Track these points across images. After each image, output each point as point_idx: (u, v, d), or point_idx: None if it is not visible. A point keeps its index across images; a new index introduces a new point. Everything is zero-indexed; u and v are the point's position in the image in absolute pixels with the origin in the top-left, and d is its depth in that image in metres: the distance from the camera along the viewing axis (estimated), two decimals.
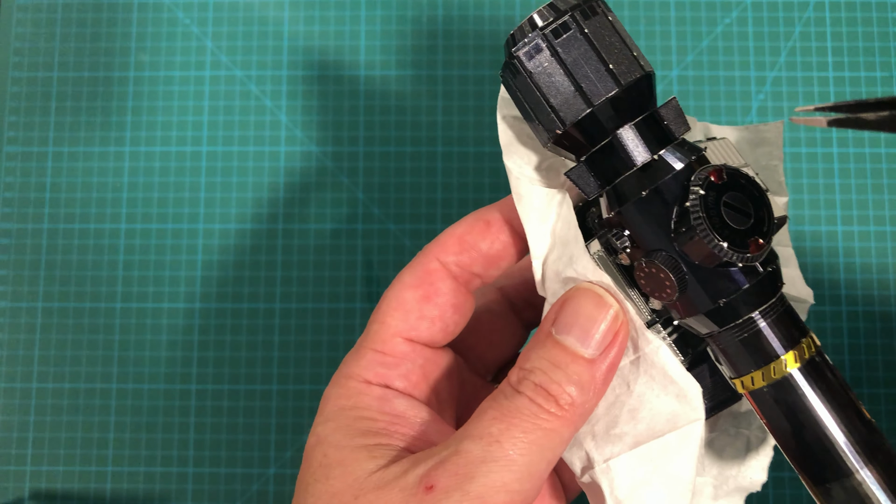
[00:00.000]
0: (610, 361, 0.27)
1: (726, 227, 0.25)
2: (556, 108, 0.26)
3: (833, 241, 0.49)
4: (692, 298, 0.26)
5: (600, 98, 0.25)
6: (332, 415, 0.29)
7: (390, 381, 0.30)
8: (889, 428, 0.48)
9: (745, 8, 0.52)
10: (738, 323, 0.26)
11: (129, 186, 0.51)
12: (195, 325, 0.50)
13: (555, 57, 0.26)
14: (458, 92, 0.51)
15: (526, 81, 0.26)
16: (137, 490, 0.48)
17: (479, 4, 0.52)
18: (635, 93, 0.26)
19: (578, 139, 0.26)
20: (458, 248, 0.30)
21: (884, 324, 0.49)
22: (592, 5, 0.26)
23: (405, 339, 0.30)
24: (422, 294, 0.30)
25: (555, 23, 0.25)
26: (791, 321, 0.26)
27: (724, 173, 0.25)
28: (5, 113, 0.52)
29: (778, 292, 0.26)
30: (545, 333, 0.27)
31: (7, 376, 0.50)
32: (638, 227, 0.26)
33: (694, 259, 0.25)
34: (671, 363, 0.27)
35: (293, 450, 0.49)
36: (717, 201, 0.25)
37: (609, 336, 0.26)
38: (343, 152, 0.51)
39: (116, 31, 0.52)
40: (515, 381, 0.27)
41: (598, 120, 0.26)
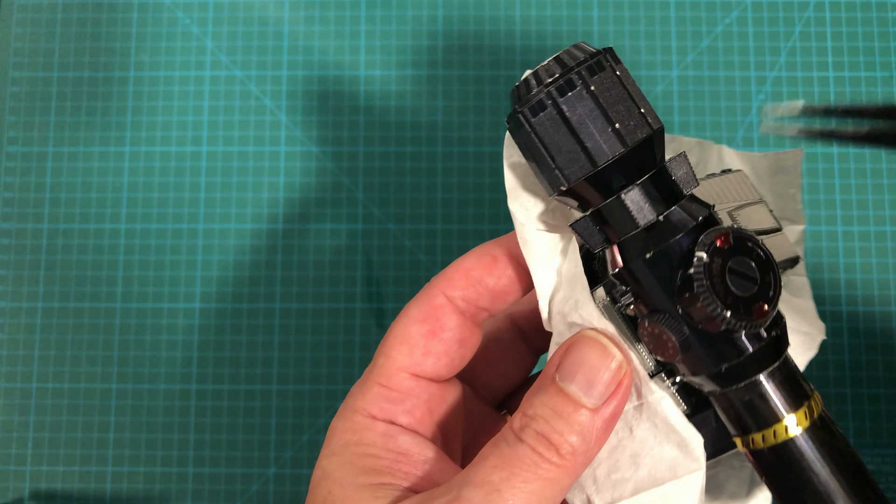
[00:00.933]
0: (612, 411, 0.27)
1: (730, 295, 0.24)
2: (560, 167, 0.25)
3: (833, 240, 0.49)
4: (695, 360, 0.26)
5: (605, 159, 0.25)
6: (337, 449, 0.29)
7: (395, 417, 0.30)
8: (889, 428, 0.48)
9: (745, 8, 0.52)
10: (741, 385, 0.26)
11: (129, 186, 0.51)
12: (195, 325, 0.50)
13: (559, 115, 0.25)
14: (458, 92, 0.51)
15: (530, 136, 0.26)
16: (137, 490, 0.48)
17: (479, 4, 0.52)
18: (642, 152, 0.25)
19: (583, 196, 0.26)
20: (464, 282, 0.30)
21: (884, 324, 0.49)
22: (600, 60, 0.25)
23: (410, 374, 0.30)
24: (427, 329, 0.30)
25: (560, 79, 0.25)
26: (795, 382, 0.26)
27: (730, 237, 0.25)
28: (5, 113, 0.52)
29: (783, 355, 0.26)
30: (549, 379, 0.27)
31: (7, 376, 0.50)
32: (642, 287, 0.26)
33: (697, 324, 0.25)
34: (674, 413, 0.27)
35: (293, 450, 0.49)
36: (722, 267, 0.25)
37: (612, 386, 0.26)
38: (343, 152, 0.51)
39: (116, 31, 0.52)
40: (518, 427, 0.27)
41: (603, 180, 0.25)
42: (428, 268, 0.50)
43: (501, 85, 0.51)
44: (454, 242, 0.50)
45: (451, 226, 0.50)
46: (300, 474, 0.48)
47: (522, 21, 0.52)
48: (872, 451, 0.48)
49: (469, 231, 0.50)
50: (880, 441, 0.48)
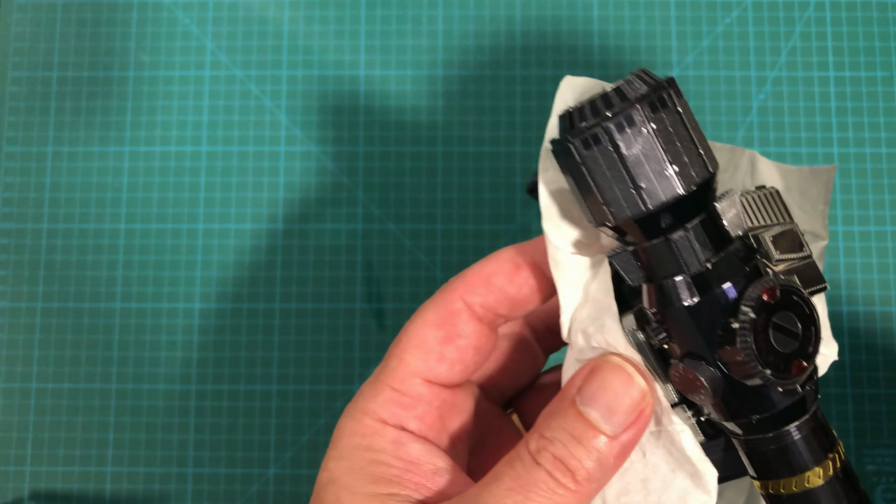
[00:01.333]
0: (630, 439, 0.26)
1: (772, 352, 0.24)
2: (608, 203, 0.24)
3: (833, 240, 0.49)
4: (725, 407, 0.26)
5: (659, 202, 0.24)
6: (346, 452, 0.29)
7: (406, 423, 0.29)
8: (890, 428, 0.48)
9: (746, 7, 0.52)
10: (769, 436, 0.26)
11: (129, 186, 0.51)
12: (195, 325, 0.50)
13: (615, 151, 0.24)
14: (458, 92, 0.51)
15: (578, 167, 0.24)
16: (137, 490, 0.48)
17: (479, 4, 0.52)
18: (697, 195, 0.24)
19: (628, 233, 0.25)
20: (484, 289, 0.30)
21: (884, 324, 0.49)
22: (663, 97, 0.24)
23: (423, 379, 0.30)
24: (444, 335, 0.30)
25: (620, 115, 0.23)
26: (822, 434, 0.26)
27: (777, 292, 0.24)
28: (5, 113, 0.52)
29: (813, 407, 0.26)
30: (569, 401, 0.27)
31: (7, 376, 0.50)
32: (680, 332, 0.25)
33: (734, 375, 0.25)
34: (691, 445, 0.27)
35: (293, 450, 0.49)
36: (766, 324, 0.24)
37: (633, 414, 0.26)
38: (343, 152, 0.51)
39: (116, 31, 0.52)
40: (535, 449, 0.26)
41: (653, 222, 0.24)
42: (428, 268, 0.50)
43: (501, 85, 0.51)
44: (454, 242, 0.50)
45: (451, 226, 0.50)
46: (300, 475, 0.48)
47: (522, 21, 0.52)
48: (873, 451, 0.48)
49: (469, 231, 0.50)
50: (881, 441, 0.48)
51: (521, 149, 0.51)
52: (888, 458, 0.48)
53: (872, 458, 0.48)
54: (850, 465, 0.27)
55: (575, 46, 0.52)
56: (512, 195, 0.50)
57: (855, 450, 0.48)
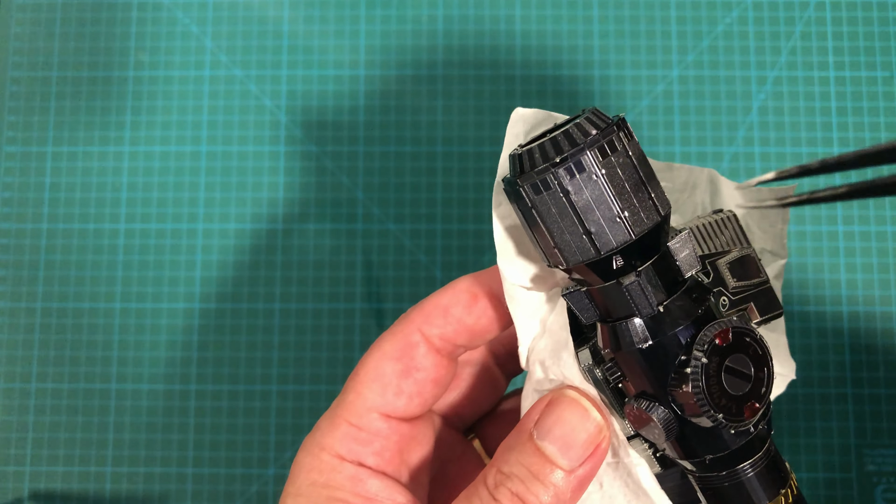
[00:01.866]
0: (587, 472, 0.27)
1: (724, 395, 0.24)
2: (560, 247, 0.24)
3: (834, 240, 0.49)
4: (679, 447, 0.26)
5: (609, 248, 0.24)
6: (303, 489, 0.29)
7: (364, 459, 0.29)
8: (890, 428, 0.48)
9: (746, 7, 0.52)
10: (722, 474, 0.26)
11: (128, 186, 0.51)
12: (195, 325, 0.50)
13: (565, 197, 0.23)
14: (458, 92, 0.51)
15: (530, 211, 0.24)
16: (137, 490, 0.48)
17: (479, 4, 0.52)
18: (648, 239, 0.24)
19: (581, 276, 0.25)
20: (442, 320, 0.29)
21: (884, 324, 0.49)
22: (612, 141, 0.23)
23: (381, 414, 0.30)
24: (402, 368, 0.29)
25: (569, 160, 0.23)
26: (776, 470, 0.26)
27: (729, 334, 0.24)
28: (5, 113, 0.52)
29: (766, 445, 0.26)
30: (526, 434, 0.27)
31: (7, 376, 0.50)
32: (633, 373, 0.25)
33: (687, 416, 0.25)
34: (647, 479, 0.27)
35: (293, 450, 0.49)
36: (719, 367, 0.24)
37: (590, 448, 0.26)
38: (343, 152, 0.51)
39: (116, 31, 0.52)
40: (492, 485, 0.26)
41: (604, 265, 0.24)
42: (428, 268, 0.50)
43: (501, 85, 0.51)
44: (454, 242, 0.50)
45: (451, 226, 0.50)
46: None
47: (522, 21, 0.52)
48: (873, 451, 0.48)
49: (469, 231, 0.50)
50: (881, 441, 0.48)
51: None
52: (888, 458, 0.48)
53: (872, 458, 0.48)
54: (803, 498, 0.27)
55: (575, 46, 0.52)
56: None
57: (855, 450, 0.48)
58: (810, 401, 0.48)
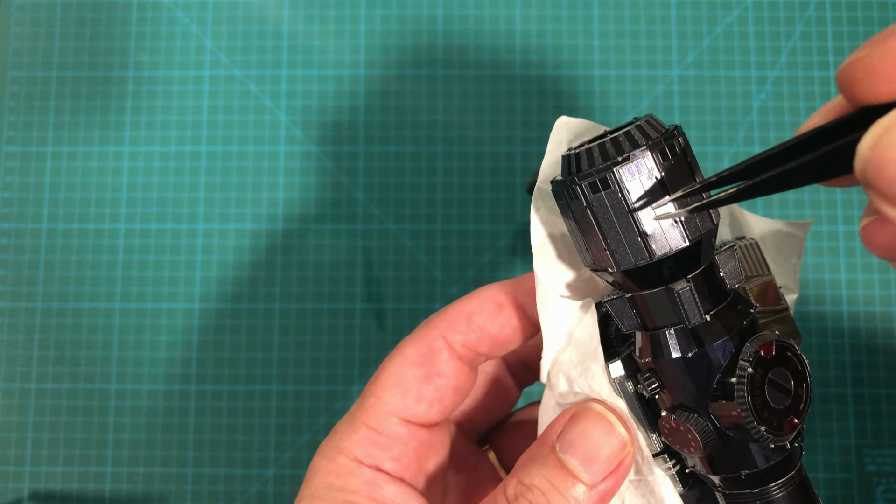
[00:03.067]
0: (608, 488, 0.26)
1: (766, 408, 0.24)
2: (612, 250, 0.24)
3: (833, 240, 0.49)
4: (714, 461, 0.26)
5: (665, 251, 0.23)
6: (319, 492, 0.28)
7: (381, 464, 0.29)
8: (890, 428, 0.48)
9: (746, 7, 0.52)
10: (755, 491, 0.26)
11: (128, 186, 0.51)
12: (195, 325, 0.50)
13: (623, 197, 0.23)
14: (458, 92, 0.51)
15: (584, 211, 0.24)
16: (137, 490, 0.48)
17: (479, 4, 0.52)
18: (700, 247, 0.24)
19: (628, 281, 0.25)
20: (466, 327, 0.29)
21: (885, 324, 0.49)
22: (672, 144, 0.24)
23: (401, 419, 0.29)
24: (423, 374, 0.29)
25: (630, 160, 0.23)
26: (805, 492, 0.26)
27: (773, 347, 0.24)
28: (5, 113, 0.52)
29: (798, 464, 0.26)
30: (548, 447, 0.26)
31: (6, 376, 0.50)
32: (673, 383, 0.25)
33: (726, 430, 0.25)
34: (670, 495, 0.27)
35: (293, 450, 0.49)
36: (763, 379, 0.24)
37: (613, 464, 0.26)
38: (343, 152, 0.51)
39: (116, 31, 0.52)
40: (512, 496, 0.26)
41: (655, 271, 0.24)
42: (428, 268, 0.50)
43: (501, 85, 0.51)
44: (454, 242, 0.50)
45: (451, 226, 0.50)
46: (300, 475, 0.48)
47: (522, 21, 0.52)
48: (874, 451, 0.48)
49: (469, 231, 0.50)
50: (881, 441, 0.48)
51: (521, 149, 0.51)
52: (888, 458, 0.48)
53: (872, 458, 0.48)
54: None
55: (575, 46, 0.52)
56: (512, 195, 0.50)
57: (855, 450, 0.48)
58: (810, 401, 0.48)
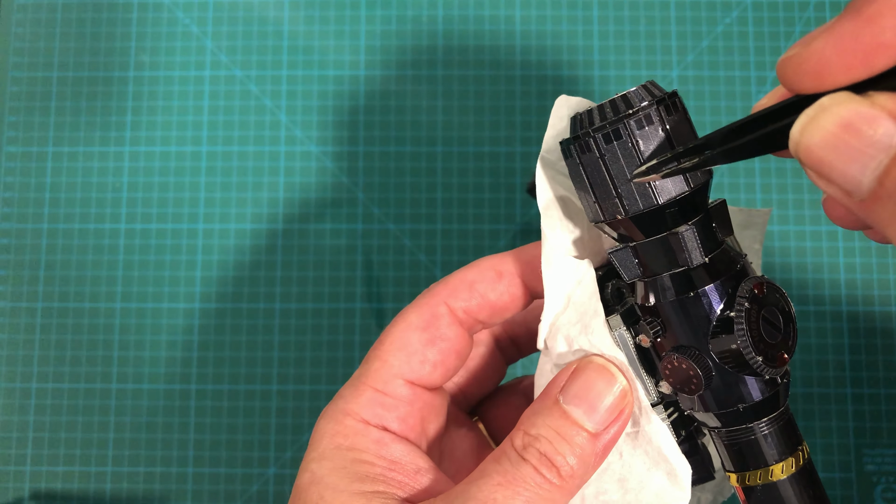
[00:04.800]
0: (611, 437, 0.28)
1: (762, 341, 0.26)
2: (622, 196, 0.26)
3: (833, 240, 0.49)
4: (712, 397, 0.27)
5: (669, 196, 0.26)
6: (327, 453, 0.29)
7: (388, 424, 0.30)
8: (890, 428, 0.48)
9: (746, 8, 0.52)
10: (748, 426, 0.27)
11: (129, 186, 0.51)
12: (195, 325, 0.50)
13: (634, 147, 0.26)
14: (458, 92, 0.51)
15: (596, 161, 0.26)
16: (137, 490, 0.48)
17: (479, 4, 0.52)
18: (700, 195, 0.27)
19: (633, 228, 0.27)
20: (467, 294, 0.31)
21: (884, 324, 0.49)
22: (676, 101, 0.26)
23: (406, 381, 0.30)
24: (427, 337, 0.31)
25: (640, 113, 0.26)
26: (791, 431, 0.28)
27: (764, 287, 0.26)
28: (5, 113, 0.52)
29: (785, 403, 0.28)
30: (552, 399, 0.28)
31: (7, 376, 0.50)
32: (675, 323, 0.27)
33: (725, 364, 0.26)
34: (668, 443, 0.28)
35: (293, 450, 0.49)
36: (758, 315, 0.26)
37: (615, 413, 0.27)
38: (343, 152, 0.51)
39: (116, 31, 0.52)
40: (521, 446, 0.27)
41: (662, 215, 0.26)
42: (428, 268, 0.50)
43: (501, 85, 0.51)
44: (454, 242, 0.50)
45: (451, 226, 0.50)
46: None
47: (522, 21, 0.52)
48: (873, 451, 0.48)
49: (469, 231, 0.50)
50: (880, 441, 0.48)
51: (521, 149, 0.51)
52: (888, 458, 0.48)
53: (872, 458, 0.48)
54: (812, 464, 0.29)
55: (575, 46, 0.52)
56: (512, 195, 0.50)
57: (855, 450, 0.48)
58: (810, 401, 0.48)
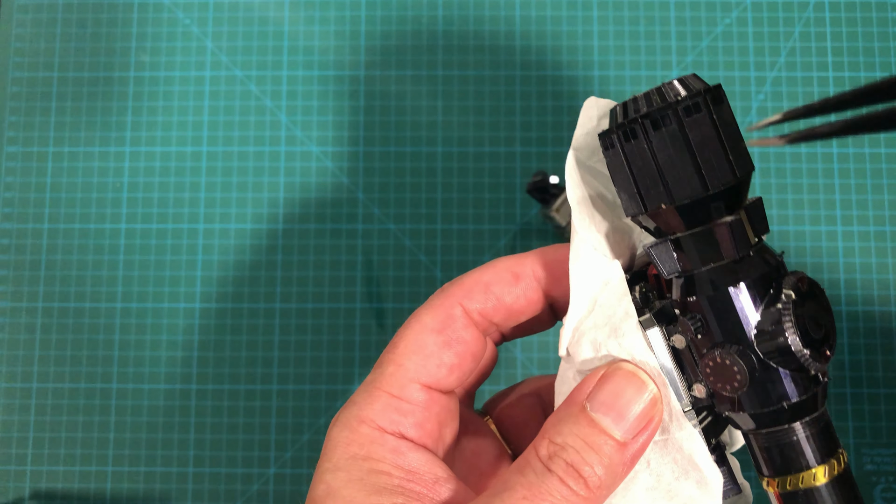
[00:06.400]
0: (640, 446, 0.27)
1: (807, 335, 0.25)
2: (669, 185, 0.25)
3: (833, 240, 0.49)
4: (752, 396, 0.26)
5: (718, 186, 0.25)
6: (342, 463, 0.28)
7: (405, 431, 0.29)
8: (889, 428, 0.48)
9: (745, 8, 0.52)
10: (785, 428, 0.26)
11: (129, 186, 0.51)
12: (195, 325, 0.50)
13: (682, 133, 0.25)
14: (458, 92, 0.51)
15: (643, 149, 0.26)
16: (137, 490, 0.48)
17: (479, 4, 0.52)
18: (742, 186, 0.26)
19: (675, 219, 0.26)
20: (483, 296, 0.30)
21: (883, 324, 0.49)
22: (721, 94, 0.26)
23: (423, 385, 0.29)
24: (444, 340, 0.29)
25: (688, 100, 0.25)
26: (829, 435, 0.27)
27: (807, 282, 0.26)
28: (5, 113, 0.52)
29: (823, 405, 0.27)
30: (578, 407, 0.27)
31: (7, 376, 0.50)
32: (717, 318, 0.26)
33: (770, 360, 0.26)
34: (700, 451, 0.27)
35: (293, 450, 0.49)
36: (803, 309, 0.25)
37: (644, 421, 0.26)
38: (343, 152, 0.51)
39: (116, 31, 0.52)
40: (546, 456, 0.26)
41: (707, 206, 0.25)
42: (428, 268, 0.50)
43: (501, 85, 0.51)
44: (454, 242, 0.50)
45: (451, 226, 0.50)
46: (300, 474, 0.48)
47: (522, 21, 0.52)
48: (872, 450, 0.48)
49: (469, 231, 0.50)
50: (880, 441, 0.48)
51: (521, 149, 0.51)
52: (888, 458, 0.48)
53: (872, 457, 0.48)
54: (851, 471, 0.27)
55: (575, 47, 0.52)
56: (512, 195, 0.50)
57: (854, 450, 0.48)
58: None
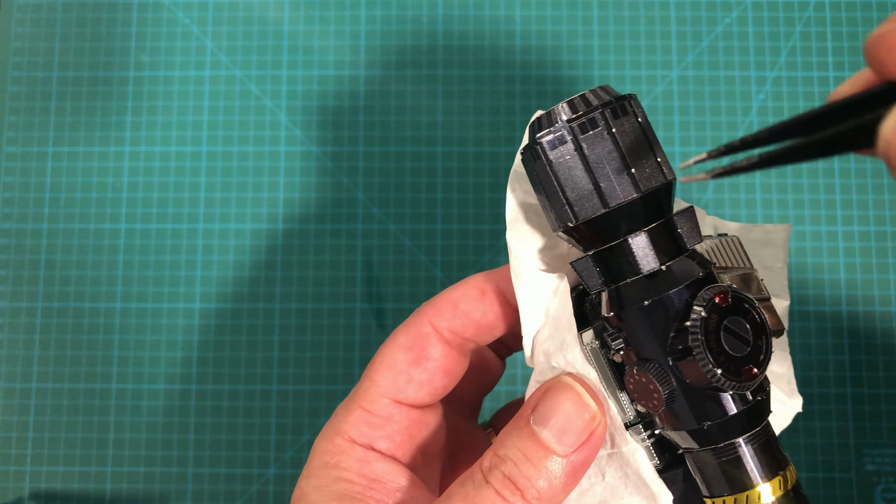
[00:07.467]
0: (582, 459, 0.27)
1: (723, 353, 0.25)
2: (571, 203, 0.26)
3: (833, 240, 0.49)
4: (678, 414, 0.26)
5: (617, 201, 0.25)
6: (315, 470, 0.30)
7: (374, 442, 0.30)
8: (889, 428, 0.48)
9: (746, 8, 0.52)
10: (719, 446, 0.26)
11: (129, 186, 0.51)
12: (195, 325, 0.50)
13: (578, 152, 0.25)
14: (458, 92, 0.51)
15: (545, 169, 0.26)
16: (137, 490, 0.48)
17: (479, 4, 0.52)
18: (653, 200, 0.26)
19: (588, 235, 0.26)
20: (451, 313, 0.31)
21: (884, 324, 0.49)
22: (624, 104, 0.26)
23: (392, 400, 0.31)
24: (413, 357, 0.31)
25: (583, 117, 0.25)
26: (773, 451, 0.26)
27: (728, 296, 0.25)
28: (5, 113, 0.52)
29: (764, 421, 0.26)
30: (524, 420, 0.27)
31: (7, 376, 0.50)
32: (635, 334, 0.26)
33: (686, 378, 0.25)
34: (646, 467, 0.27)
35: (293, 450, 0.49)
36: (718, 325, 0.25)
37: (584, 435, 0.27)
38: (343, 152, 0.51)
39: (116, 31, 0.52)
40: (486, 468, 0.27)
41: (611, 221, 0.26)
42: (428, 268, 0.50)
43: (501, 85, 0.51)
44: (454, 242, 0.50)
45: (451, 226, 0.50)
46: (300, 474, 0.48)
47: (522, 21, 0.52)
48: (873, 451, 0.48)
49: (469, 231, 0.50)
50: (880, 441, 0.48)
51: None
52: (888, 458, 0.48)
53: (872, 458, 0.48)
54: (801, 488, 0.27)
55: (575, 47, 0.52)
56: None
57: (855, 450, 0.48)
58: (810, 401, 0.48)
